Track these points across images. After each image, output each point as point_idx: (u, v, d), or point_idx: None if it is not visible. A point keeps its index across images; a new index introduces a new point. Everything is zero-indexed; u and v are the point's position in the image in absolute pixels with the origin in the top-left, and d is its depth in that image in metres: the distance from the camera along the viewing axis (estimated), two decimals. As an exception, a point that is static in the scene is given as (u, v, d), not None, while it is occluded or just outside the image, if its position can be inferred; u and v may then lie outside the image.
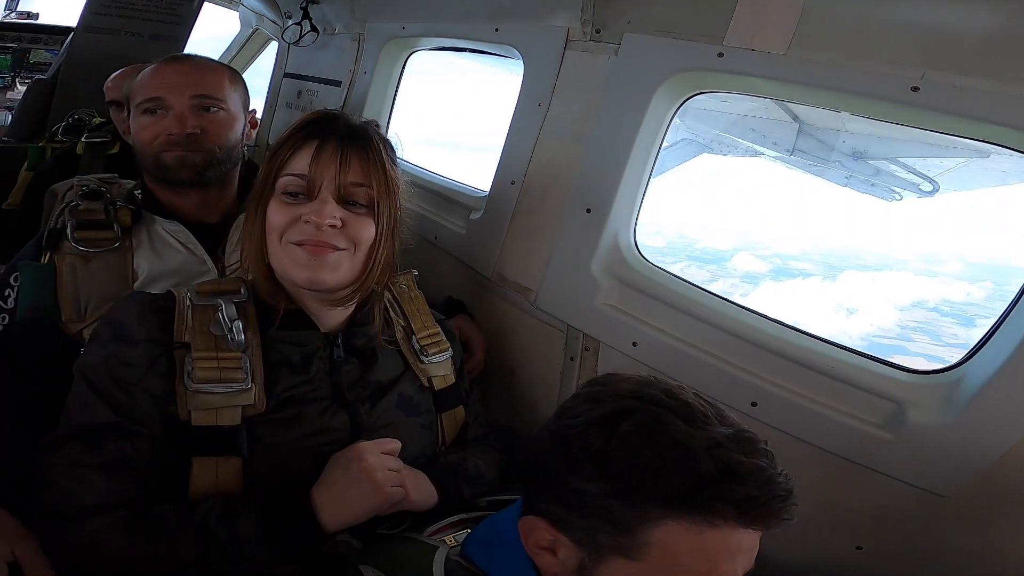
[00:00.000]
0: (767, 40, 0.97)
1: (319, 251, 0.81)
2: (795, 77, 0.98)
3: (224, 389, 0.80)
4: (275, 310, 0.86)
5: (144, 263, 1.07)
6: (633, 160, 1.18)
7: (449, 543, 0.76)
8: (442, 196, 1.67)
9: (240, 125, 1.17)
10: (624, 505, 0.57)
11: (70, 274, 1.03)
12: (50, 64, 3.35)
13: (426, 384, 0.98)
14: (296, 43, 2.33)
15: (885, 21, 0.90)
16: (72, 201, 1.09)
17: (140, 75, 1.14)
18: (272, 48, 2.92)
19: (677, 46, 1.09)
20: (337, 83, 2.23)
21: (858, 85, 0.93)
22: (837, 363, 0.98)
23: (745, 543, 0.57)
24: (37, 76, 2.73)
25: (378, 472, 0.79)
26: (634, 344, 1.16)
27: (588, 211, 1.23)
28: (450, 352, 1.03)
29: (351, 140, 0.84)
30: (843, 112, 1.02)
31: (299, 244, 0.81)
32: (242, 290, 0.88)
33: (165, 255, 1.09)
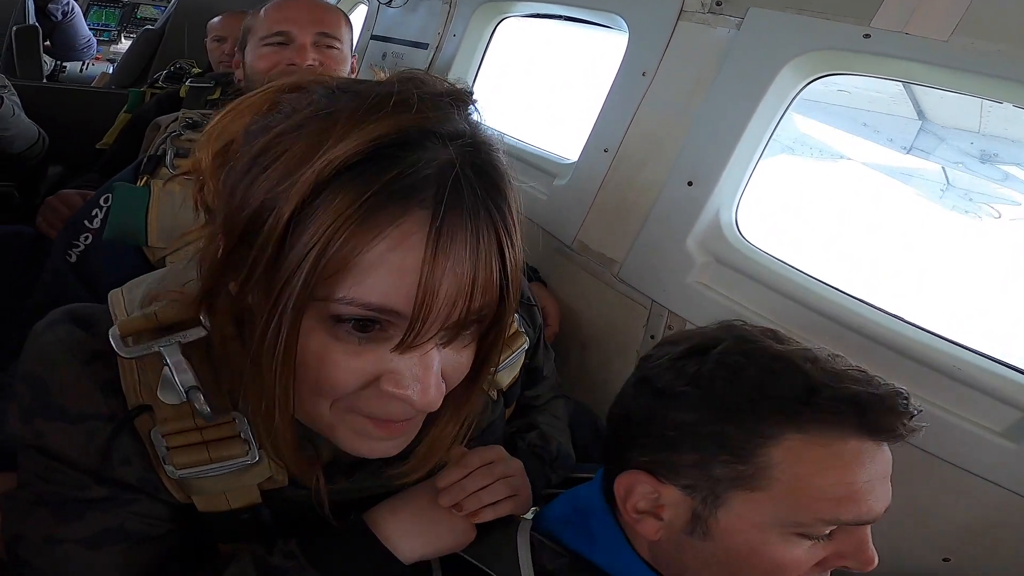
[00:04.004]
0: (926, 25, 0.89)
1: (401, 429, 0.50)
2: (957, 64, 0.89)
3: (222, 470, 0.54)
4: None
5: None
6: (747, 136, 1.12)
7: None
8: (524, 161, 1.65)
9: (348, 66, 1.22)
10: (736, 426, 0.53)
11: (163, 199, 1.03)
12: (155, 20, 3.52)
13: (495, 397, 0.75)
14: (388, 4, 2.34)
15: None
16: (175, 131, 1.12)
17: (264, 10, 1.18)
18: (359, 12, 2.96)
19: (813, 24, 1.03)
20: (424, 45, 2.23)
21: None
22: (963, 365, 0.90)
23: (879, 463, 0.53)
24: (146, 27, 2.86)
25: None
26: (726, 326, 1.11)
27: (690, 184, 1.18)
28: (525, 345, 0.75)
29: (477, 197, 0.43)
30: (1005, 103, 0.93)
31: (370, 417, 0.48)
32: (204, 317, 0.50)
33: None
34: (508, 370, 0.74)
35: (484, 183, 0.43)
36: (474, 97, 0.49)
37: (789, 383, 0.52)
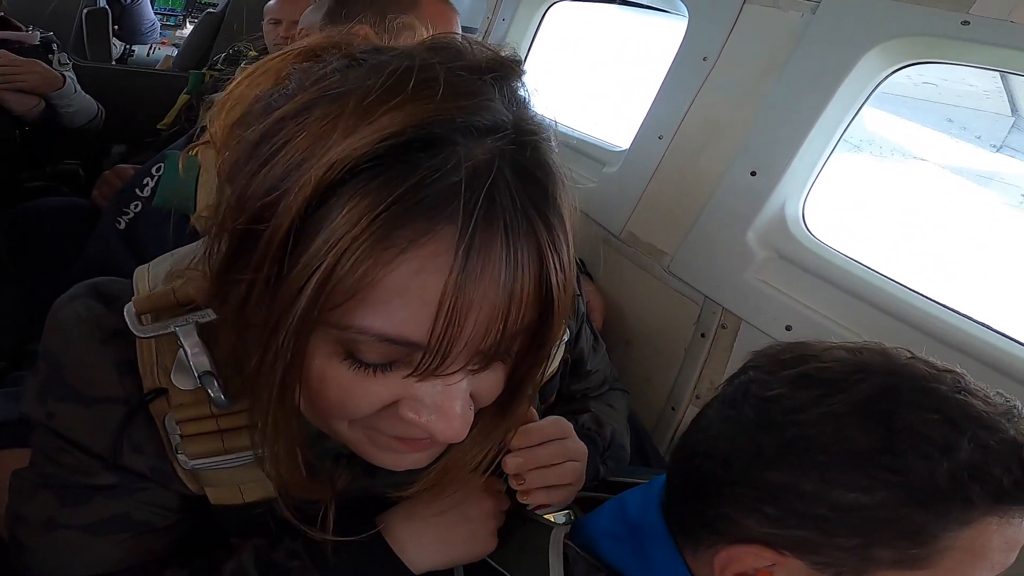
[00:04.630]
0: None
1: (424, 445, 0.45)
2: None
3: (236, 463, 0.50)
4: None
5: None
6: (820, 126, 1.03)
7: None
8: (572, 148, 1.59)
9: None
10: (931, 512, 0.44)
11: (212, 168, 1.05)
12: (217, 4, 3.63)
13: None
14: (440, -13, 2.31)
15: None
16: None
17: None
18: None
19: (903, 8, 0.93)
20: (473, 30, 2.20)
21: None
22: None
23: None
24: (208, 11, 2.95)
25: (495, 518, 0.59)
26: (788, 328, 1.03)
27: (753, 174, 1.10)
28: (565, 337, 0.69)
29: (515, 206, 0.35)
30: None
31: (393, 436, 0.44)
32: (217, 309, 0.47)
33: None
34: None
35: (529, 188, 0.36)
36: (523, 68, 0.42)
37: (1005, 464, 0.43)
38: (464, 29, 2.33)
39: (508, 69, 0.39)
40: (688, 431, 0.56)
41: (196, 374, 0.46)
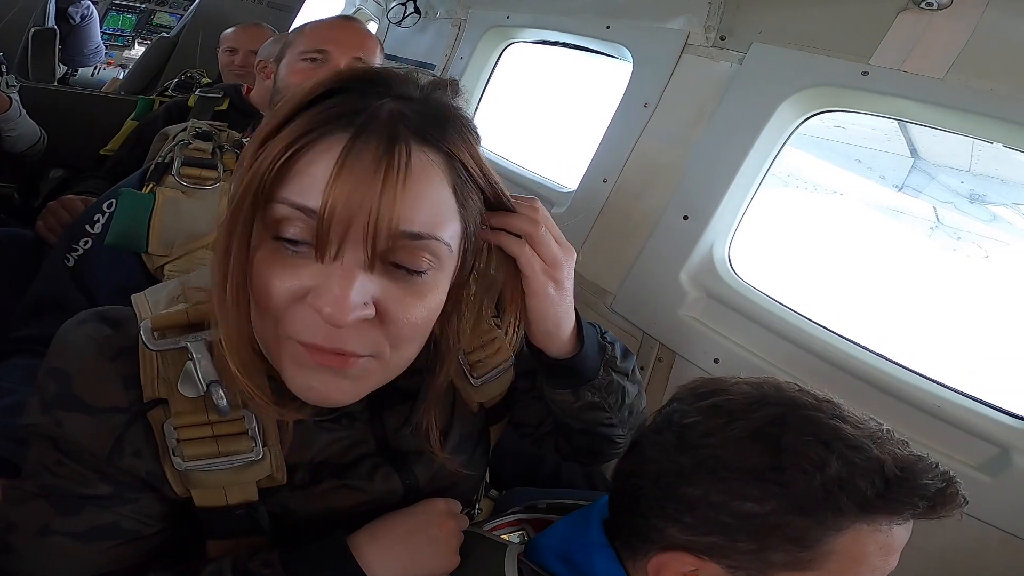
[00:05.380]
0: (923, 63, 0.91)
1: (335, 361, 0.50)
2: (951, 103, 0.91)
3: (227, 465, 0.56)
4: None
5: None
6: (743, 172, 1.13)
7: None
8: (523, 188, 1.66)
9: None
10: (810, 519, 0.52)
11: (168, 207, 1.03)
12: (170, 27, 3.57)
13: (476, 409, 0.73)
14: (399, 23, 2.38)
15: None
16: (183, 140, 1.13)
17: (308, 26, 1.21)
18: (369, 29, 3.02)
19: (814, 60, 1.04)
20: (431, 66, 2.26)
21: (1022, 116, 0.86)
22: (943, 403, 0.93)
23: (910, 530, 0.55)
24: (161, 35, 2.89)
25: (456, 537, 0.64)
26: (716, 361, 1.11)
27: (685, 218, 1.18)
28: (509, 362, 0.73)
29: (412, 130, 0.48)
30: (996, 143, 0.95)
31: (303, 344, 0.50)
32: (245, 375, 0.54)
33: None
34: (491, 385, 0.72)
35: (424, 122, 0.49)
36: (458, 86, 0.54)
37: (869, 478, 0.52)
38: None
39: (442, 83, 0.53)
40: (625, 455, 0.65)
41: (204, 383, 0.54)
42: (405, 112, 0.48)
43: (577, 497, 0.79)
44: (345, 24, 1.22)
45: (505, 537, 0.71)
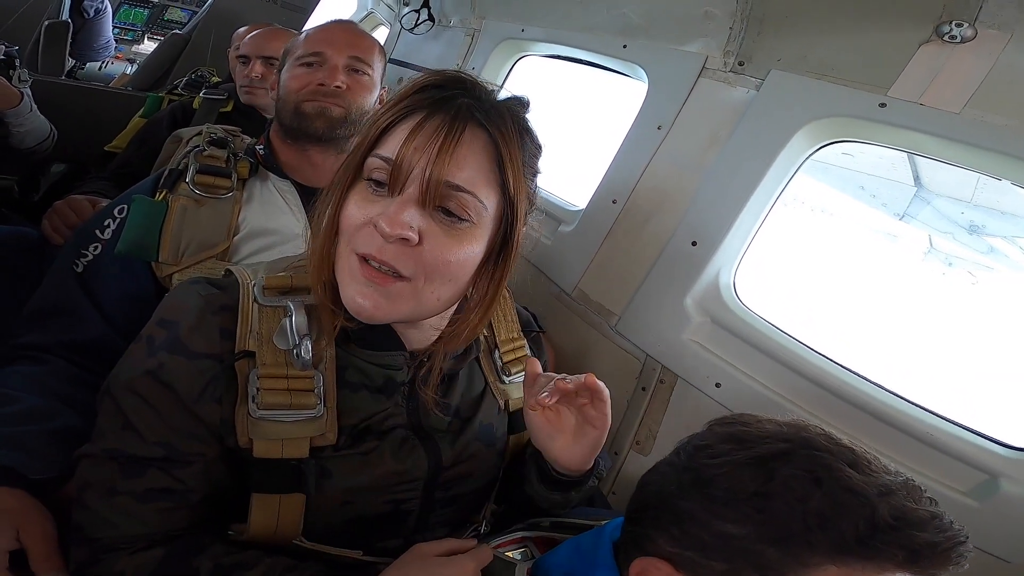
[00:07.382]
0: (941, 96, 0.91)
1: (378, 278, 0.62)
2: (965, 138, 0.91)
3: (293, 417, 0.66)
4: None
5: (249, 218, 1.08)
6: (754, 199, 1.13)
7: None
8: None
9: (376, 95, 1.21)
10: (781, 551, 0.52)
11: (180, 215, 1.03)
12: (182, 23, 3.56)
13: (503, 407, 0.83)
14: (412, 30, 2.38)
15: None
16: (198, 146, 1.12)
17: (304, 32, 1.19)
18: (379, 34, 3.01)
19: (832, 90, 1.04)
20: (442, 75, 2.26)
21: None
22: (934, 430, 0.93)
23: None
24: (174, 31, 2.88)
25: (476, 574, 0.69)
26: (717, 385, 1.10)
27: (694, 243, 1.18)
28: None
29: (471, 117, 0.62)
30: (1005, 180, 0.94)
31: (362, 258, 0.63)
32: (321, 288, 0.68)
33: (270, 213, 1.10)
34: (517, 387, 0.83)
35: (480, 104, 0.63)
36: (525, 101, 0.69)
37: (853, 521, 0.50)
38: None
39: (516, 97, 0.68)
40: (646, 472, 0.66)
41: (296, 336, 0.66)
42: (472, 104, 0.63)
43: (578, 515, 0.80)
44: (339, 26, 1.22)
45: (509, 555, 0.72)
